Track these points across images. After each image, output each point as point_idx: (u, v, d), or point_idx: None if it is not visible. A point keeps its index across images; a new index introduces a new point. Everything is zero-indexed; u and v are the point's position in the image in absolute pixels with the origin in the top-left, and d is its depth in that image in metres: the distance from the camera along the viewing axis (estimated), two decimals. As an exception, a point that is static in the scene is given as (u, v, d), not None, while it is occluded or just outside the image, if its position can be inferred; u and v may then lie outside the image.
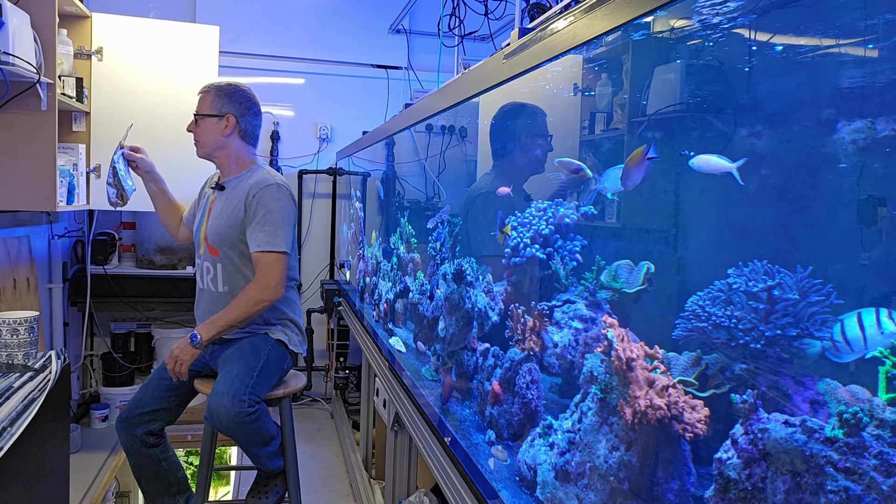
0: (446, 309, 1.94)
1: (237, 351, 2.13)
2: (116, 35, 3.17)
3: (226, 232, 2.17)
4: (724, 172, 0.91)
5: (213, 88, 2.25)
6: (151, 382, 2.24)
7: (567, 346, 1.29)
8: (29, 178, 2.43)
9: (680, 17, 1.04)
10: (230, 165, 2.27)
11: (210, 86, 2.27)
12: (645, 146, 1.06)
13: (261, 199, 2.12)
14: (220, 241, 2.18)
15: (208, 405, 1.97)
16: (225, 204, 2.21)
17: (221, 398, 1.93)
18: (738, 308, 0.88)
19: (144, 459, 2.17)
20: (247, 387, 1.97)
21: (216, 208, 2.24)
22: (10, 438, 1.49)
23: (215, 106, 2.22)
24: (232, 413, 1.91)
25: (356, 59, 4.55)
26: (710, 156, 0.93)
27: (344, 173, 4.39)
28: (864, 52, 0.76)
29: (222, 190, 2.25)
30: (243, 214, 2.15)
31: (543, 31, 1.31)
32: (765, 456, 0.79)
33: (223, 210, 2.21)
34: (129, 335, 3.97)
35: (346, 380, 4.33)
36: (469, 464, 1.58)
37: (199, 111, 2.25)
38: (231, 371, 2.03)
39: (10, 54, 2.09)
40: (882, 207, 0.73)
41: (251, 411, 1.95)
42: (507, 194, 1.63)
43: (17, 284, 2.83)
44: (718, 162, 0.92)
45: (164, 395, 2.19)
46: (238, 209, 2.16)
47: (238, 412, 1.92)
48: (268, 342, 2.18)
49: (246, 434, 1.97)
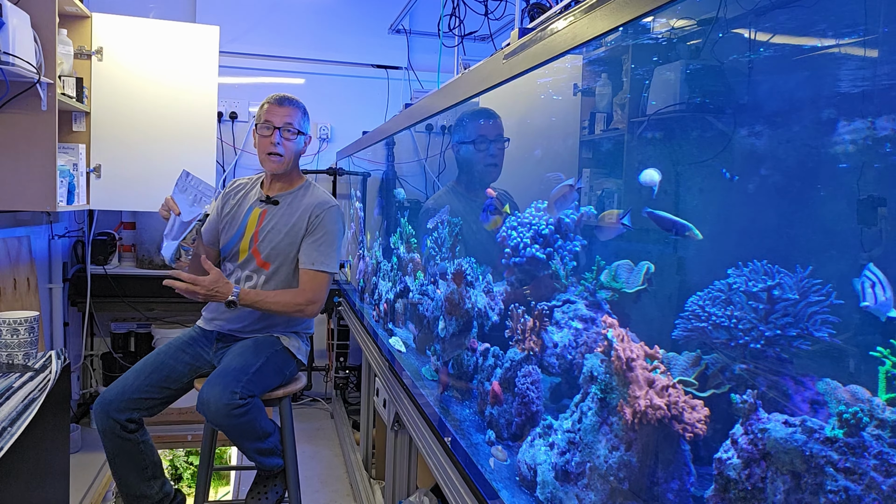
0: (445, 309, 1.94)
1: (239, 348, 2.16)
2: (116, 35, 3.17)
3: (285, 248, 2.22)
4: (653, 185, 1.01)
5: (301, 105, 2.27)
6: (144, 369, 2.16)
7: (567, 346, 1.29)
8: (29, 178, 2.43)
9: (680, 17, 1.04)
10: (289, 182, 2.31)
11: (296, 100, 2.26)
12: (621, 212, 1.13)
13: (324, 219, 2.21)
14: (276, 255, 2.23)
15: (200, 393, 1.97)
16: (282, 220, 2.24)
17: (213, 388, 1.95)
18: (738, 308, 0.88)
19: (122, 443, 2.09)
20: (240, 381, 1.97)
21: (271, 222, 2.25)
22: (10, 438, 1.49)
23: (302, 124, 2.25)
24: (221, 404, 1.91)
25: (356, 59, 4.55)
26: (651, 170, 1.03)
27: (344, 173, 4.39)
28: (865, 51, 0.76)
29: (275, 204, 2.27)
30: (304, 231, 2.21)
31: (543, 31, 1.31)
32: (765, 456, 0.79)
33: (280, 225, 2.24)
34: (129, 335, 3.97)
35: (346, 380, 4.33)
36: (469, 464, 1.58)
37: (292, 126, 2.21)
38: (228, 365, 2.05)
39: (10, 54, 2.09)
40: (882, 207, 0.73)
41: (242, 404, 1.94)
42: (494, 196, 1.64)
43: (17, 284, 2.84)
44: (652, 176, 1.03)
45: (158, 384, 2.14)
46: (299, 226, 2.22)
47: (227, 403, 1.92)
48: (274, 345, 2.21)
49: (236, 427, 1.97)
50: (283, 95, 2.25)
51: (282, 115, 2.20)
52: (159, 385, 2.15)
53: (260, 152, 2.25)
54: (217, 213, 2.36)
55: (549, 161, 1.57)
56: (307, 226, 2.21)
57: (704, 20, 1.01)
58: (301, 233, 2.22)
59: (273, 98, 2.24)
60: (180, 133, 3.27)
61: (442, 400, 1.91)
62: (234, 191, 2.38)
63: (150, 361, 2.20)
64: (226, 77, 4.11)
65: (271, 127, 2.19)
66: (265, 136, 2.21)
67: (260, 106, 2.27)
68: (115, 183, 3.19)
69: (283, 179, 2.30)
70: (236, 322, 2.26)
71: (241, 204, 2.34)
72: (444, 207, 2.03)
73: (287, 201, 2.27)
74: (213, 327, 2.29)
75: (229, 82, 4.23)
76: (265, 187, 2.33)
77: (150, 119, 3.23)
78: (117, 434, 2.07)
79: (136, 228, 3.95)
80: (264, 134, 2.21)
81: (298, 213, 2.24)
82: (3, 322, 1.84)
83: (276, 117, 2.20)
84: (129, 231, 3.96)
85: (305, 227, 2.21)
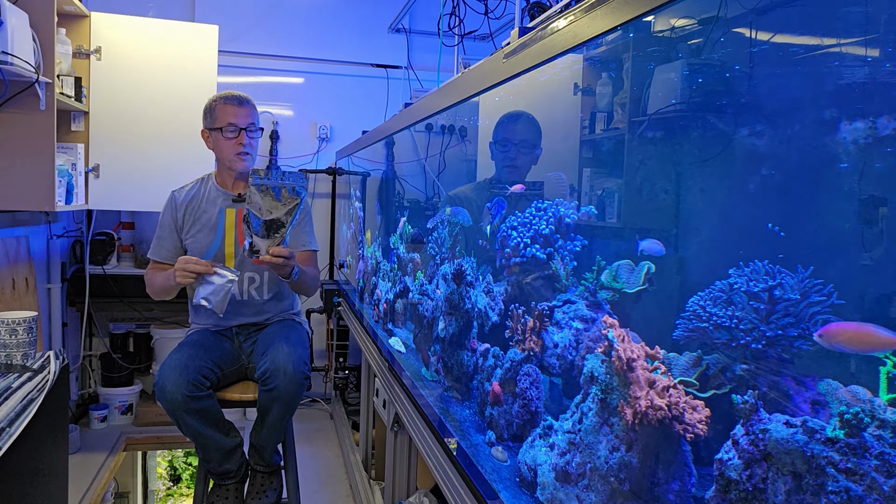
0: (445, 309, 1.94)
1: (284, 328, 2.28)
2: (115, 34, 3.17)
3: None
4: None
5: (252, 101, 2.32)
6: (197, 346, 2.15)
7: (567, 347, 1.29)
8: (27, 178, 2.42)
9: (680, 17, 1.03)
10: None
11: (249, 98, 2.30)
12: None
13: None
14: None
15: (273, 362, 2.01)
16: None
17: (288, 356, 2.03)
18: (739, 308, 0.88)
19: (198, 406, 2.02)
20: (305, 354, 2.12)
21: None
22: (8, 439, 1.48)
23: (258, 119, 2.32)
24: (298, 370, 2.01)
25: (356, 58, 4.55)
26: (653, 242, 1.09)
27: (343, 173, 4.39)
28: (866, 51, 0.76)
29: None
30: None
31: (543, 30, 1.31)
32: (766, 456, 0.79)
33: None
34: (127, 335, 3.96)
35: (346, 380, 4.33)
36: (469, 464, 1.57)
37: (255, 124, 2.28)
38: (288, 339, 2.14)
39: (8, 54, 2.08)
40: (883, 207, 0.73)
41: (308, 375, 2.08)
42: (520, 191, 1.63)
43: (15, 284, 2.83)
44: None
45: (212, 362, 2.13)
46: None
47: (301, 371, 2.03)
48: (302, 328, 2.39)
49: (294, 400, 2.06)
50: (239, 95, 2.27)
51: (244, 116, 2.25)
52: (214, 362, 2.14)
53: (226, 154, 2.25)
54: (173, 226, 2.30)
55: (549, 161, 1.57)
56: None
57: (705, 19, 1.00)
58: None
59: (229, 98, 2.25)
60: (179, 133, 3.26)
61: (442, 400, 1.91)
62: (187, 201, 2.30)
63: (198, 341, 2.21)
64: (225, 76, 4.10)
65: (237, 129, 2.23)
66: (231, 139, 2.23)
67: (212, 106, 2.26)
68: (114, 183, 3.18)
69: (245, 176, 2.31)
70: (260, 314, 2.34)
71: (205, 210, 2.29)
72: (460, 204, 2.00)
73: None
74: (230, 322, 2.31)
75: (229, 82, 4.22)
76: (229, 187, 2.31)
77: (148, 119, 3.22)
78: (194, 396, 2.00)
79: (135, 228, 3.95)
80: (230, 136, 2.23)
81: None
82: (1, 322, 1.84)
83: (240, 118, 2.24)
84: (127, 231, 3.96)
85: None
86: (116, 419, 3.79)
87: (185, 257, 2.11)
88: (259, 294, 2.30)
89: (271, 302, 2.34)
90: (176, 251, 2.29)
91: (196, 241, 2.28)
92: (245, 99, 2.27)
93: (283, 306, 2.38)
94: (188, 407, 2.00)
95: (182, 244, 2.30)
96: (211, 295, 2.10)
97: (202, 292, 2.12)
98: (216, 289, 2.09)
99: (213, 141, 2.27)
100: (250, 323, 2.33)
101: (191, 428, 2.04)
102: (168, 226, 2.30)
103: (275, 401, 2.04)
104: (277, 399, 2.03)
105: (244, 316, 2.31)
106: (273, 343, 2.12)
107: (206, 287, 2.11)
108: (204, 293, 2.11)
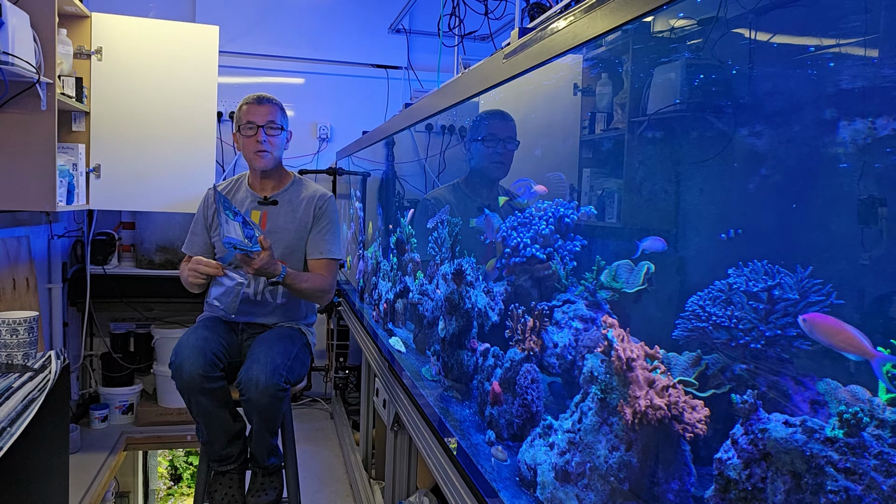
0: (445, 308, 1.94)
1: (276, 335, 2.21)
2: (116, 35, 3.17)
3: (295, 245, 2.29)
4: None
5: (279, 102, 2.32)
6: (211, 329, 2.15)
7: (567, 346, 1.29)
8: (28, 178, 2.43)
9: (680, 17, 1.03)
10: (279, 179, 2.36)
11: (273, 98, 2.31)
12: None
13: (326, 209, 2.31)
14: (290, 253, 2.27)
15: (247, 372, 1.99)
16: (287, 217, 2.29)
17: (263, 367, 1.99)
18: (739, 308, 0.88)
19: (211, 387, 2.04)
20: (285, 366, 2.04)
21: (276, 222, 2.29)
22: (9, 439, 1.49)
23: (282, 120, 2.30)
24: (270, 384, 1.97)
25: (356, 58, 4.55)
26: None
27: (344, 173, 4.39)
28: (865, 51, 0.76)
29: (274, 204, 2.30)
30: (311, 225, 2.29)
31: (543, 30, 1.31)
32: (765, 456, 0.79)
33: (287, 223, 2.29)
34: (128, 335, 3.96)
35: (346, 380, 4.33)
36: (469, 464, 1.57)
37: (275, 122, 2.26)
38: (271, 348, 2.09)
39: (9, 54, 2.09)
40: (882, 207, 0.73)
41: (285, 388, 2.01)
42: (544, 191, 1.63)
43: (16, 284, 2.83)
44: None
45: (223, 347, 2.13)
46: (305, 220, 2.29)
47: (274, 384, 1.97)
48: (301, 337, 2.30)
49: (272, 410, 2.02)
50: (261, 95, 2.29)
51: (263, 114, 2.25)
52: (224, 347, 2.14)
53: (247, 152, 2.28)
54: (204, 224, 2.34)
55: (550, 161, 1.57)
56: (312, 218, 2.29)
57: (705, 20, 1.00)
58: (308, 226, 2.29)
59: (251, 98, 2.28)
60: (180, 133, 3.27)
61: (442, 400, 1.91)
62: (220, 200, 2.29)
63: (205, 324, 2.21)
64: (225, 77, 4.10)
65: (255, 126, 2.23)
66: (250, 136, 2.24)
67: (238, 108, 2.30)
68: (115, 183, 3.18)
69: (273, 178, 2.34)
70: (269, 317, 2.32)
71: (220, 211, 2.30)
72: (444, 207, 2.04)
73: (285, 199, 2.32)
74: (240, 318, 2.31)
75: (229, 82, 4.22)
76: (257, 189, 2.34)
77: (149, 119, 3.22)
78: (208, 377, 2.02)
79: (136, 228, 3.95)
80: (248, 134, 2.24)
81: (301, 207, 2.30)
82: (2, 322, 1.84)
83: (258, 116, 2.24)
84: (128, 231, 3.96)
85: (311, 220, 2.29)
86: (117, 419, 3.79)
87: (198, 258, 2.14)
88: (273, 297, 2.30)
89: (283, 307, 2.31)
90: (205, 247, 2.34)
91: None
92: (266, 98, 2.29)
93: (292, 313, 2.35)
94: (203, 387, 2.02)
95: (210, 241, 2.34)
96: (221, 296, 2.13)
97: (214, 293, 2.18)
98: (226, 291, 2.12)
99: (239, 141, 2.30)
100: (257, 323, 2.32)
101: (202, 408, 2.06)
102: (200, 222, 2.36)
103: (251, 411, 2.04)
104: (253, 410, 2.03)
105: (253, 316, 2.31)
106: (255, 351, 2.10)
107: (217, 288, 2.15)
108: (215, 294, 2.16)
